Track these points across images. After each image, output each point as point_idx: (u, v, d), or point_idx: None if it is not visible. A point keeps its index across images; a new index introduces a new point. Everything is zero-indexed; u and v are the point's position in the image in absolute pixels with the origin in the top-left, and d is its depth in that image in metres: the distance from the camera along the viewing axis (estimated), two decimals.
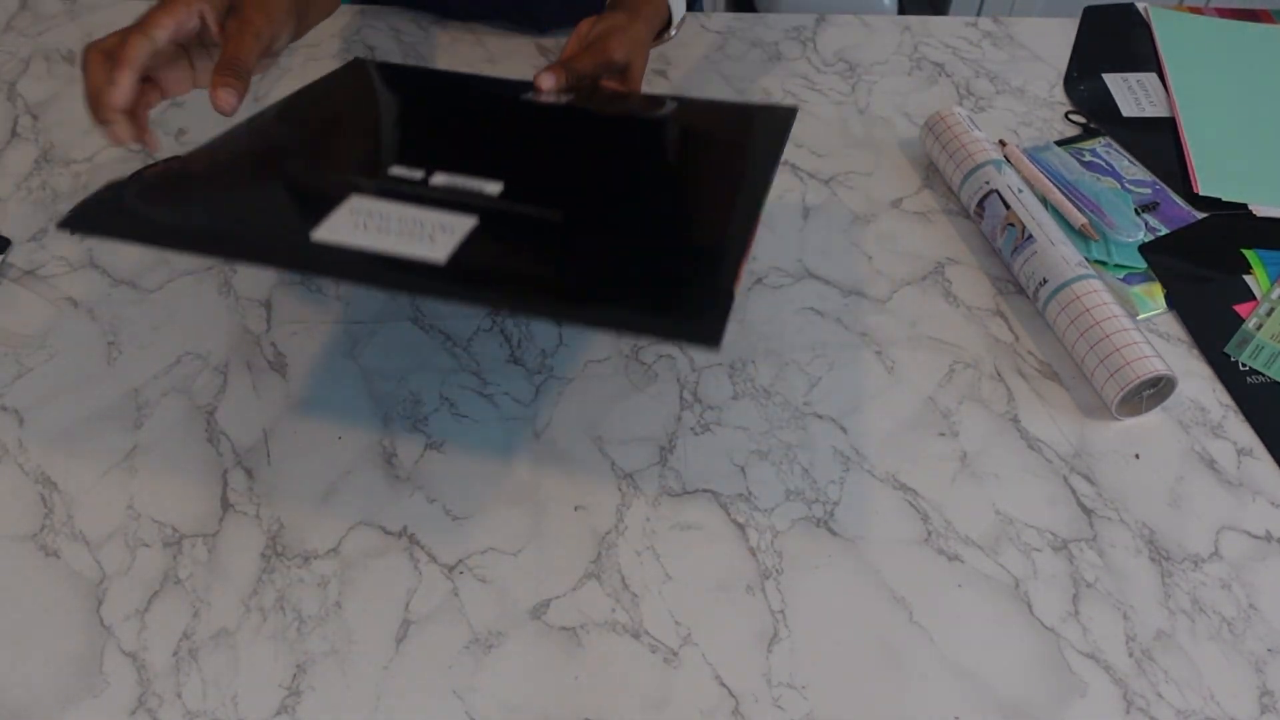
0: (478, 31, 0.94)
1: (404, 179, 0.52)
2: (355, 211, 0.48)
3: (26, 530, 0.58)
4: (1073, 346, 0.64)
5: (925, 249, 0.74)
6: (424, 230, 0.47)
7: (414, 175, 0.52)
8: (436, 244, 0.46)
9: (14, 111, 0.87)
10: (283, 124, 0.61)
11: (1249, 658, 0.52)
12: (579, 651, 0.52)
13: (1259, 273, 0.71)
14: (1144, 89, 0.87)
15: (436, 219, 0.47)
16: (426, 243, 0.46)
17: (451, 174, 0.52)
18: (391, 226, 0.47)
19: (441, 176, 0.52)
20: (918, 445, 0.61)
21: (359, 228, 0.47)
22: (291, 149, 0.58)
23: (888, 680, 0.51)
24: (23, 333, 0.68)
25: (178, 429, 0.62)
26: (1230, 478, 0.60)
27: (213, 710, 0.50)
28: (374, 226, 0.47)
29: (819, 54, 0.92)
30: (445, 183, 0.52)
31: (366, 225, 0.47)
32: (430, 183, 0.52)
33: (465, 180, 0.52)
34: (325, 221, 0.47)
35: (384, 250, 0.45)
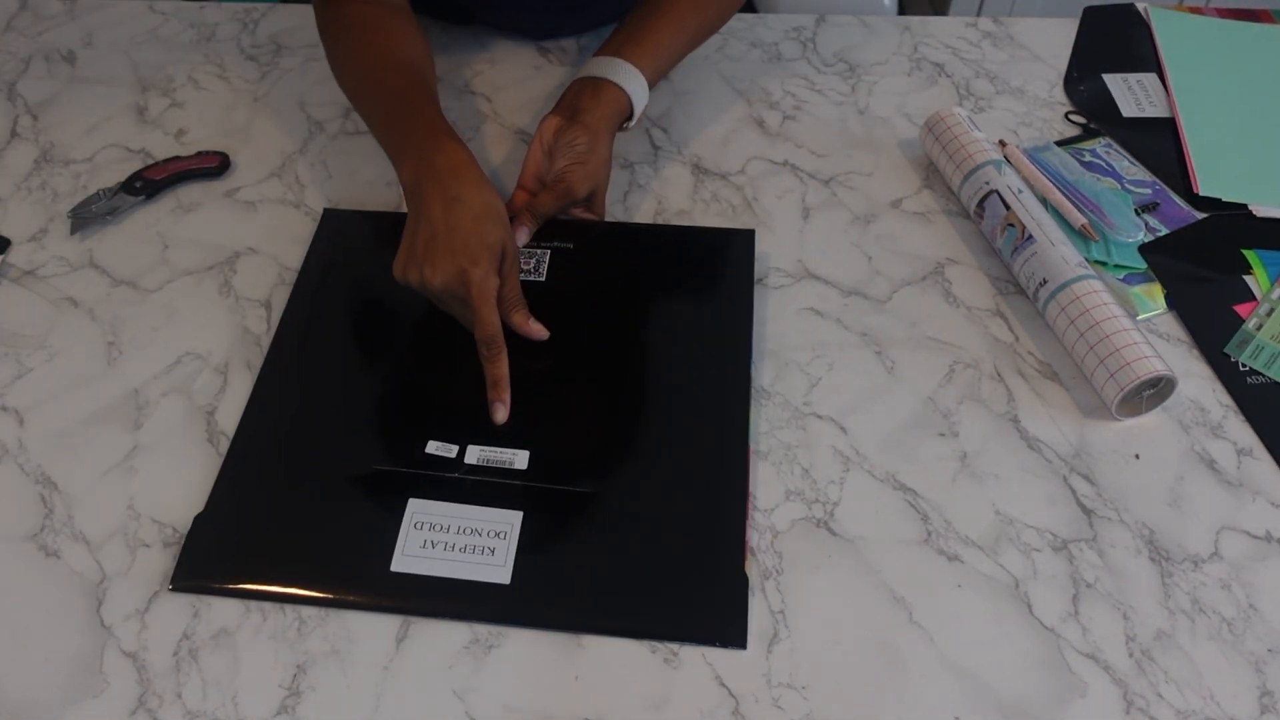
0: (478, 32, 0.94)
1: (443, 458, 0.59)
2: (419, 524, 0.56)
3: (26, 530, 0.58)
4: (1072, 347, 0.64)
5: (925, 249, 0.74)
6: (482, 539, 0.55)
7: (450, 452, 0.60)
8: (496, 557, 0.55)
9: (14, 111, 0.87)
10: (306, 381, 0.65)
11: (1249, 658, 0.52)
12: (579, 651, 0.52)
13: (1259, 273, 0.71)
14: (1144, 89, 0.87)
15: (489, 521, 0.56)
16: (487, 558, 0.55)
17: (482, 446, 0.60)
18: (454, 540, 0.55)
19: (475, 450, 0.60)
20: (918, 445, 0.61)
21: (427, 546, 0.55)
22: (328, 424, 0.62)
23: (888, 680, 0.51)
24: (23, 333, 0.68)
25: (178, 429, 0.62)
26: (1230, 478, 0.60)
27: (213, 710, 0.50)
28: (440, 543, 0.55)
29: (819, 54, 0.92)
30: (480, 458, 0.59)
31: (433, 543, 0.55)
32: (466, 459, 0.59)
33: (496, 453, 0.59)
34: (397, 544, 0.55)
35: (455, 576, 0.54)
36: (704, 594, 0.54)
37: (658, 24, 0.76)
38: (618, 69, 0.73)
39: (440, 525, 0.56)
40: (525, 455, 0.59)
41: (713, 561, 0.55)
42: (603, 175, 0.73)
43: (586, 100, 0.72)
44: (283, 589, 0.54)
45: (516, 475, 0.59)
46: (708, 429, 0.61)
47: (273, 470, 0.60)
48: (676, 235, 0.74)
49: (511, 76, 0.90)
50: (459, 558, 0.55)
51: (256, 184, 0.80)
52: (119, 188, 0.78)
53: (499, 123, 0.85)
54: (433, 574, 0.54)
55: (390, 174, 0.80)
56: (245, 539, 0.56)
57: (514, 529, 0.56)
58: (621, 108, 0.73)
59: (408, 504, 0.57)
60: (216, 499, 0.58)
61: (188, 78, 0.90)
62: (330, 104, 0.87)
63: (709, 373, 0.64)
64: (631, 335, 0.67)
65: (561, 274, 0.70)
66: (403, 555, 0.55)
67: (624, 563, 0.55)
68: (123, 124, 0.85)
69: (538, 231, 0.72)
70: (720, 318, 0.67)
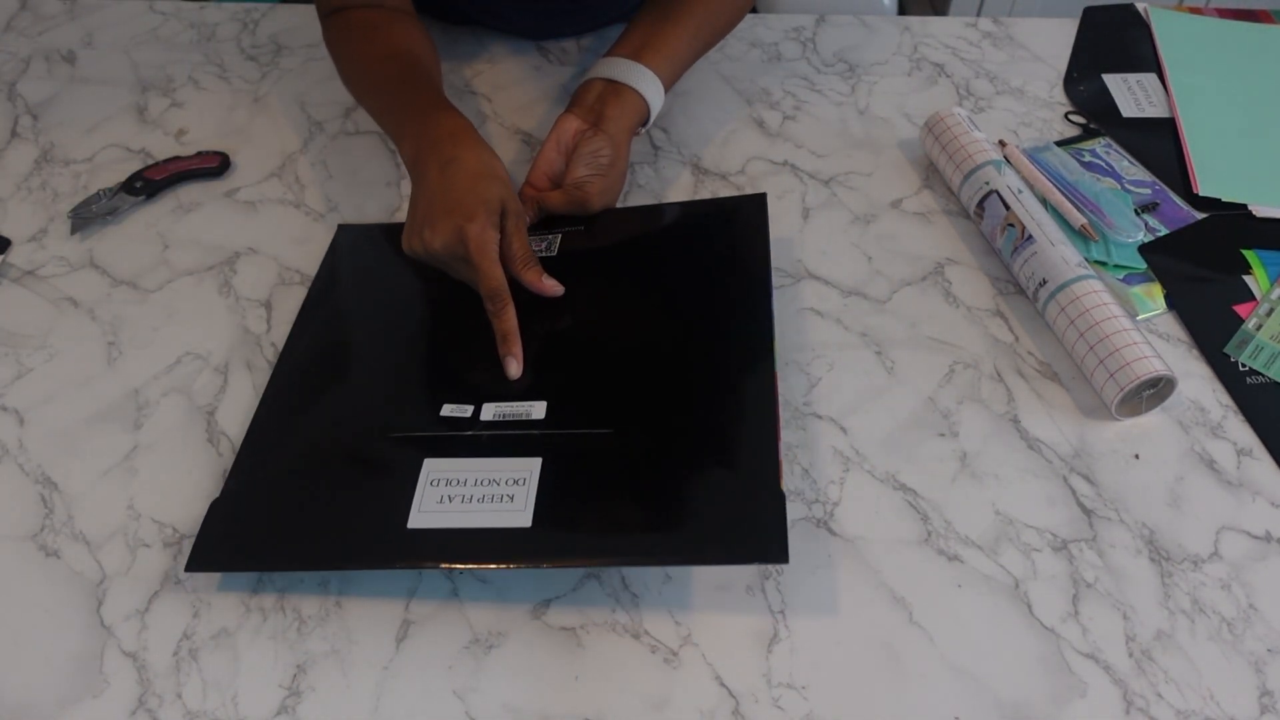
0: (478, 32, 0.94)
1: (458, 418, 0.57)
2: (435, 481, 0.54)
3: (26, 530, 0.58)
4: (1072, 347, 0.64)
5: (925, 249, 0.74)
6: (500, 488, 0.53)
7: (465, 412, 0.57)
8: (515, 503, 0.52)
9: (14, 111, 0.87)
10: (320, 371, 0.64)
11: (1249, 658, 0.52)
12: (579, 651, 0.52)
13: (1259, 273, 0.71)
14: (1144, 89, 0.87)
15: (507, 471, 0.53)
16: (507, 505, 0.52)
17: (497, 402, 0.58)
18: (471, 492, 0.53)
19: (490, 407, 0.58)
20: (918, 445, 0.61)
21: (444, 501, 0.53)
22: (342, 403, 0.61)
23: (888, 680, 0.51)
24: (23, 333, 0.68)
25: (178, 429, 0.62)
26: (1230, 478, 0.60)
27: (213, 710, 0.50)
28: (457, 496, 0.53)
29: (819, 54, 0.92)
30: (496, 414, 0.57)
31: (450, 497, 0.53)
32: (482, 417, 0.57)
33: (512, 408, 0.58)
34: (413, 503, 0.53)
35: (474, 525, 0.51)
36: (740, 514, 0.51)
37: (674, 29, 0.75)
38: (639, 74, 0.73)
39: (457, 480, 0.54)
40: (543, 405, 0.57)
41: (746, 482, 0.53)
42: (619, 190, 0.73)
43: (611, 107, 0.71)
44: (298, 566, 0.54)
45: (534, 425, 0.57)
46: (730, 357, 0.59)
47: (288, 451, 0.59)
48: (688, 206, 0.74)
49: (511, 76, 0.90)
50: (477, 508, 0.52)
51: (256, 184, 0.80)
52: (119, 188, 0.78)
53: (499, 123, 0.85)
54: (451, 526, 0.52)
55: (391, 174, 0.81)
56: (259, 519, 0.55)
57: (533, 475, 0.53)
58: (641, 115, 0.73)
59: (423, 464, 0.55)
60: (232, 484, 0.57)
61: (188, 78, 0.90)
62: (330, 104, 0.87)
63: (728, 306, 0.62)
64: (648, 286, 0.66)
65: (573, 251, 0.69)
66: (419, 512, 0.53)
67: (653, 493, 0.53)
68: (123, 124, 0.85)
69: (549, 222, 0.71)
70: (738, 265, 0.65)
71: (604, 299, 0.66)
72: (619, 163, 0.71)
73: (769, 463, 0.53)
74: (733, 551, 0.51)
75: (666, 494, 0.53)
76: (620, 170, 0.72)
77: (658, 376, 0.60)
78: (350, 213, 0.78)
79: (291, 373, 0.64)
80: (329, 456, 0.58)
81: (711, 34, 0.80)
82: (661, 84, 0.74)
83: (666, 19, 0.76)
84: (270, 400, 0.62)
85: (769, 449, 0.54)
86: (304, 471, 0.58)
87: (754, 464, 0.53)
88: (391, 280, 0.70)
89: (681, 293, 0.65)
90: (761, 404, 0.56)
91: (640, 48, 0.74)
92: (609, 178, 0.70)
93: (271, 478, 0.57)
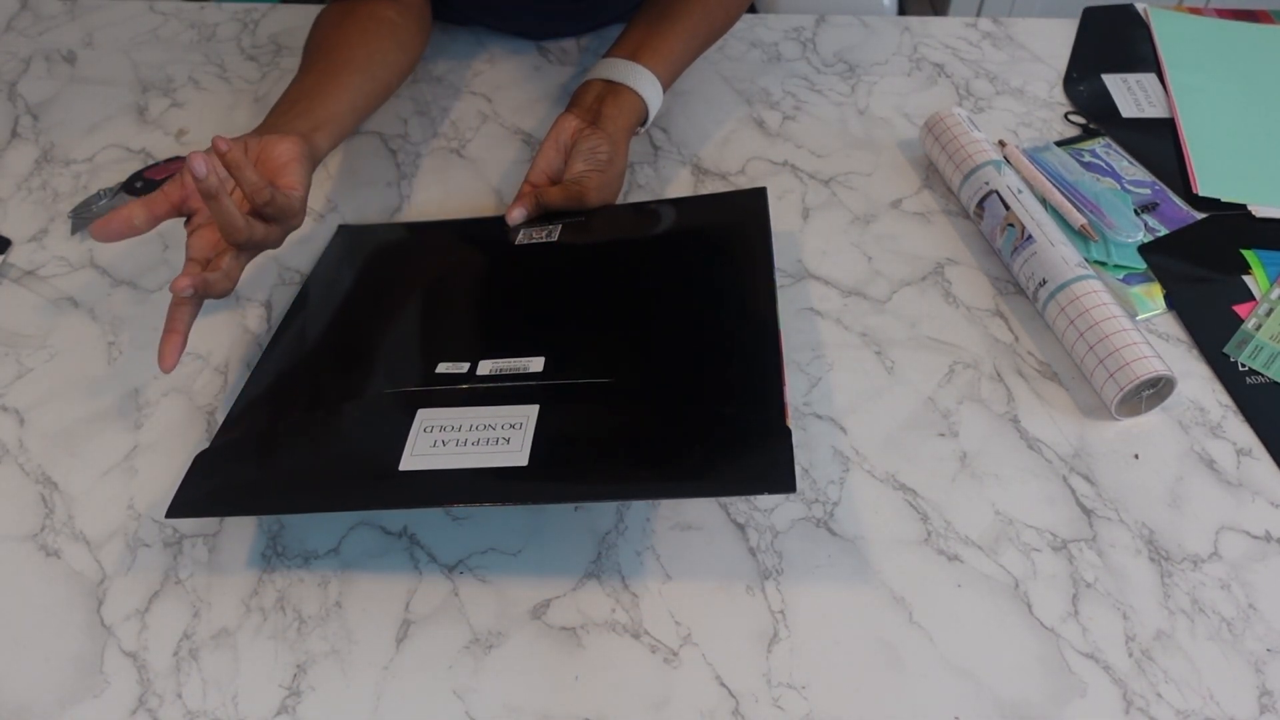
0: (478, 32, 0.94)
1: (454, 374, 0.56)
2: (428, 428, 0.52)
3: (26, 530, 0.58)
4: (1072, 347, 0.64)
5: (925, 249, 0.74)
6: (496, 432, 0.51)
7: (461, 368, 0.56)
8: (512, 445, 0.50)
9: (14, 111, 0.87)
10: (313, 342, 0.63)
11: (1248, 658, 0.52)
12: (579, 651, 0.52)
13: (1258, 273, 0.71)
14: (1143, 89, 0.87)
15: (503, 417, 0.52)
16: (503, 446, 0.50)
17: (494, 359, 0.57)
18: (466, 436, 0.51)
19: (487, 364, 0.57)
20: (918, 445, 0.61)
21: (437, 445, 0.51)
22: (335, 369, 0.60)
23: (888, 680, 0.51)
24: (23, 333, 0.68)
25: (178, 429, 0.62)
26: (1230, 478, 0.60)
27: (213, 710, 0.50)
28: (451, 440, 0.51)
29: (819, 54, 0.92)
30: (493, 369, 0.56)
31: (444, 442, 0.51)
32: (478, 372, 0.56)
33: (509, 363, 0.56)
34: (406, 447, 0.51)
35: (469, 466, 0.50)
36: (744, 445, 0.50)
37: (672, 29, 0.76)
38: (637, 74, 0.73)
39: (451, 426, 0.52)
40: (540, 360, 0.56)
41: (750, 418, 0.51)
42: (617, 188, 0.73)
43: (609, 107, 0.71)
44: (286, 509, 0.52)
45: (532, 378, 0.55)
46: (733, 311, 0.58)
47: (279, 407, 0.58)
48: (688, 200, 0.74)
49: (511, 76, 0.90)
50: (471, 449, 0.50)
51: None
52: (119, 188, 0.78)
53: (499, 123, 0.85)
54: (444, 467, 0.50)
55: (391, 174, 0.81)
56: (245, 468, 0.54)
57: (530, 419, 0.52)
58: (639, 115, 0.73)
59: (417, 413, 0.53)
60: (219, 439, 0.56)
61: (188, 78, 0.90)
62: None
63: (730, 273, 0.62)
64: (650, 261, 0.65)
65: (574, 236, 0.69)
66: (411, 455, 0.51)
67: (654, 431, 0.52)
68: (123, 124, 0.85)
69: (549, 216, 0.71)
70: (739, 246, 0.65)
71: (605, 270, 0.65)
72: (617, 160, 0.71)
73: (774, 400, 0.51)
74: (737, 482, 0.49)
75: (668, 432, 0.51)
76: (619, 168, 0.72)
77: (659, 330, 0.58)
78: (350, 213, 0.78)
79: (286, 342, 0.63)
80: (321, 411, 0.57)
81: (709, 34, 0.80)
82: (659, 84, 0.74)
83: (664, 19, 0.76)
84: (264, 366, 0.62)
85: (774, 390, 0.52)
86: (295, 425, 0.56)
87: (759, 402, 0.52)
88: (390, 270, 0.70)
89: (684, 264, 0.65)
90: (764, 345, 0.55)
91: (638, 48, 0.74)
92: (607, 174, 0.71)
93: (261, 430, 0.56)
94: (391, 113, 0.86)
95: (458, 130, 0.84)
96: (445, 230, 0.74)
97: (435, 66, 0.91)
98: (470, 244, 0.71)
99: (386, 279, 0.69)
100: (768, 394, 0.52)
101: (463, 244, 0.72)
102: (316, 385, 0.60)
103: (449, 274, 0.66)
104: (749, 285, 0.61)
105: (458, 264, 0.68)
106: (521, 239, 0.69)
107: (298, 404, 0.58)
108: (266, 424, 0.57)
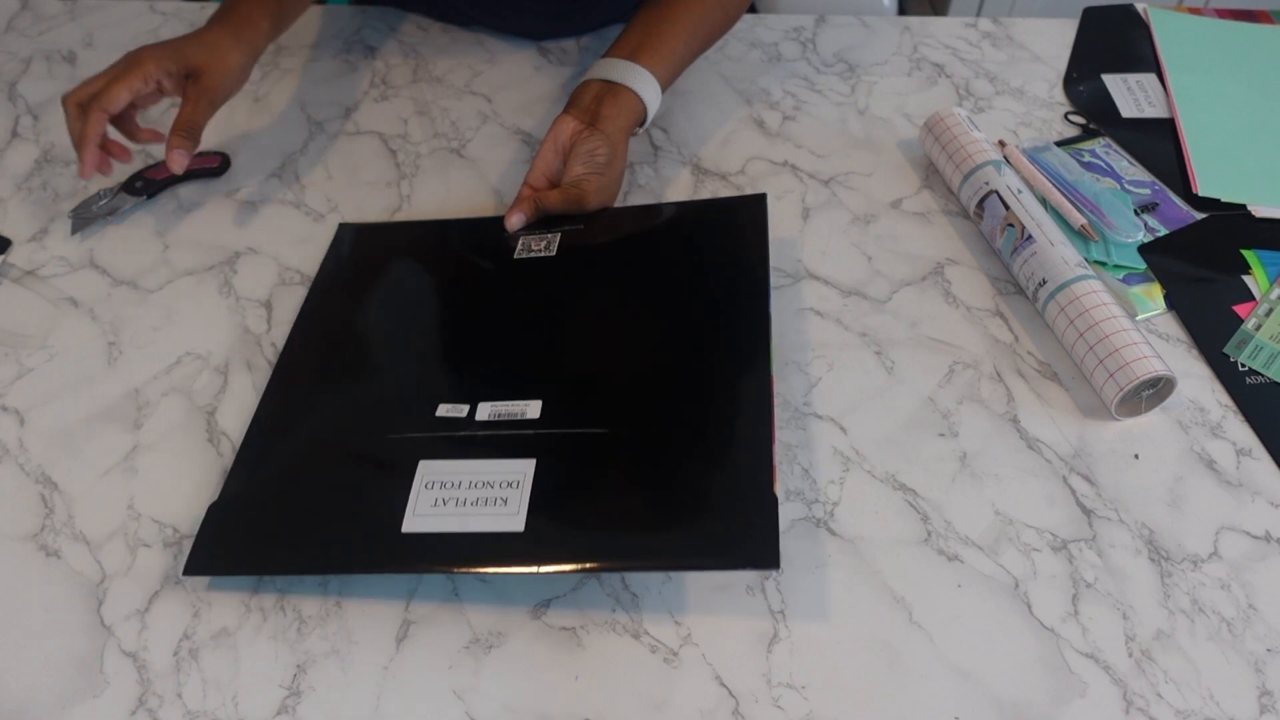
0: (478, 31, 0.94)
1: (453, 419, 0.58)
2: (429, 484, 0.54)
3: (26, 530, 0.58)
4: (1072, 347, 0.64)
5: (925, 249, 0.74)
6: (494, 491, 0.53)
7: (460, 412, 0.58)
8: (509, 506, 0.53)
9: (14, 111, 0.87)
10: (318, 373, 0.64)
11: (1248, 658, 0.52)
12: (579, 651, 0.52)
13: (1258, 273, 0.71)
14: (1143, 90, 0.87)
15: (501, 473, 0.54)
16: (500, 508, 0.53)
17: (493, 401, 0.58)
18: (466, 495, 0.53)
19: (486, 406, 0.58)
20: (918, 445, 0.61)
21: (438, 504, 0.53)
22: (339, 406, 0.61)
23: (888, 680, 0.51)
24: (23, 333, 0.68)
25: (178, 429, 0.63)
26: (1230, 478, 0.60)
27: (213, 710, 0.50)
28: (451, 499, 0.53)
29: (819, 55, 0.92)
30: (491, 413, 0.58)
31: (444, 500, 0.53)
32: (477, 416, 0.58)
33: (507, 407, 0.58)
34: (408, 506, 0.54)
35: (468, 530, 0.52)
36: (732, 520, 0.51)
37: (670, 29, 0.76)
38: (635, 75, 0.73)
39: (451, 483, 0.54)
40: (538, 405, 0.58)
41: (740, 487, 0.52)
42: (616, 190, 0.73)
43: (607, 107, 0.71)
44: (294, 570, 0.54)
45: (529, 425, 0.57)
46: (726, 358, 0.59)
47: (287, 453, 0.59)
48: (686, 206, 0.74)
49: (511, 76, 0.90)
50: (471, 511, 0.53)
51: (256, 184, 0.80)
52: (119, 188, 0.78)
53: (499, 123, 0.85)
54: (444, 530, 0.52)
55: (391, 174, 0.81)
56: (257, 522, 0.56)
57: (527, 477, 0.54)
58: (638, 115, 0.73)
59: (418, 466, 0.55)
60: (230, 487, 0.57)
61: None
62: (330, 104, 0.87)
63: (725, 307, 0.62)
64: (646, 287, 0.66)
65: (572, 249, 0.69)
66: (414, 516, 0.53)
67: (644, 495, 0.53)
68: None
69: (548, 221, 0.72)
70: (736, 266, 0.65)
71: (602, 300, 0.66)
72: (616, 162, 0.71)
73: (763, 467, 0.53)
74: (724, 558, 0.51)
75: (659, 497, 0.53)
76: (618, 170, 0.72)
77: (654, 377, 0.60)
78: (350, 213, 0.78)
79: (290, 374, 0.64)
80: (327, 458, 0.58)
81: (709, 34, 0.80)
82: (658, 84, 0.74)
83: (663, 19, 0.76)
84: (269, 402, 0.62)
85: (763, 453, 0.54)
86: (302, 474, 0.58)
87: (748, 468, 0.53)
88: (391, 280, 0.70)
89: (680, 293, 0.65)
90: (757, 407, 0.56)
91: (637, 48, 0.74)
92: (606, 176, 0.70)
93: (270, 480, 0.58)
94: (391, 113, 0.86)
95: (458, 130, 0.84)
96: (445, 233, 0.74)
97: (435, 66, 0.91)
98: (469, 255, 0.71)
99: (388, 299, 0.69)
100: (758, 456, 0.53)
101: (462, 255, 0.72)
102: (323, 422, 0.61)
103: (448, 294, 0.66)
104: (744, 324, 0.61)
105: (457, 283, 0.68)
106: (520, 250, 0.69)
107: (306, 443, 0.60)
108: (276, 471, 0.58)
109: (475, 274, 0.69)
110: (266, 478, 0.58)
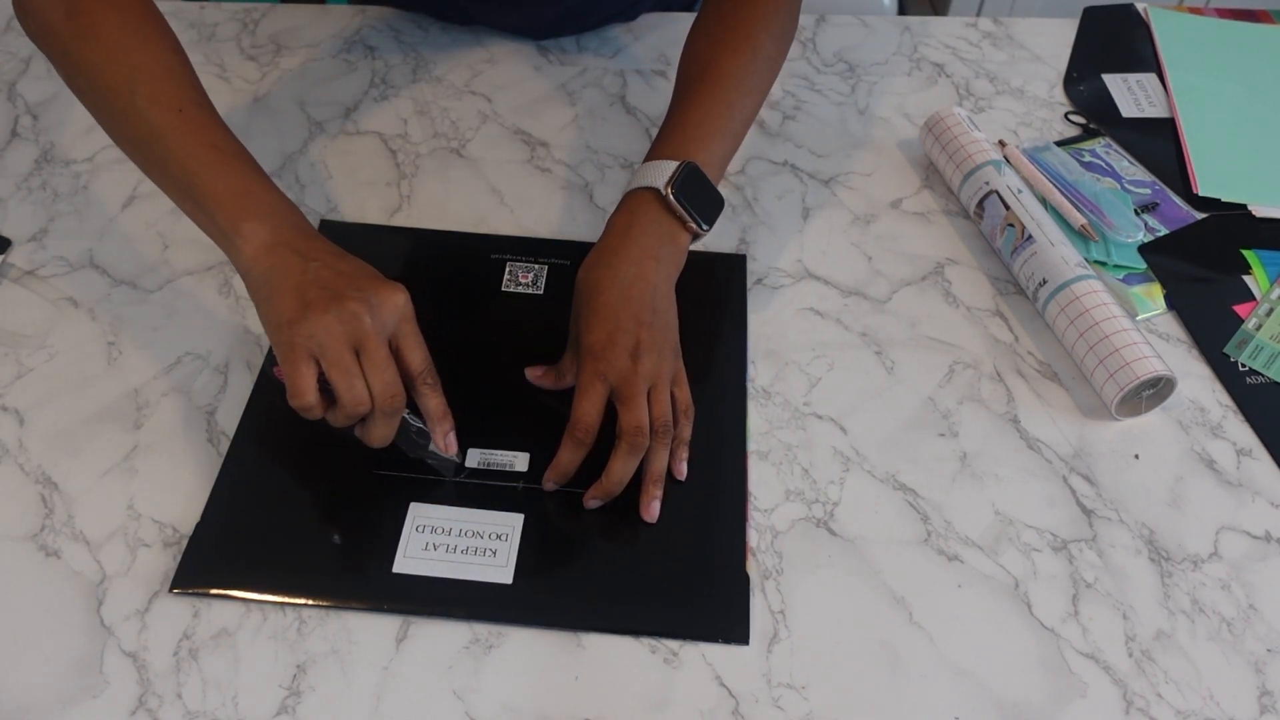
0: (478, 32, 0.94)
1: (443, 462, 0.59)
2: (420, 528, 0.56)
3: (26, 530, 0.58)
4: (1072, 347, 0.64)
5: (925, 249, 0.74)
6: (483, 541, 0.56)
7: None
8: (498, 558, 0.55)
9: (14, 111, 0.87)
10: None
11: (1248, 658, 0.52)
12: (579, 651, 0.52)
13: (1258, 273, 0.71)
14: (1144, 89, 0.87)
15: (490, 524, 0.57)
16: (489, 559, 0.55)
17: (482, 449, 0.60)
18: (456, 543, 0.56)
19: (475, 454, 0.60)
20: (918, 445, 0.61)
21: (429, 549, 0.55)
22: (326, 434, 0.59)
23: (888, 680, 0.51)
24: (23, 333, 0.68)
25: (178, 429, 0.62)
26: (1230, 478, 0.60)
27: (213, 710, 0.50)
28: (441, 545, 0.56)
29: (819, 54, 0.92)
30: (480, 461, 0.60)
31: (435, 545, 0.56)
32: (467, 463, 0.59)
33: (496, 457, 0.60)
34: (399, 547, 0.55)
35: (458, 577, 0.54)
36: (706, 592, 0.54)
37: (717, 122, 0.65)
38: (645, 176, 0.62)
39: (442, 529, 0.56)
40: (525, 458, 0.60)
41: (714, 561, 0.55)
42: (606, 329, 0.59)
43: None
44: (284, 595, 0.54)
45: (517, 478, 0.59)
46: (705, 432, 0.61)
47: (273, 476, 0.60)
48: None
49: (511, 76, 0.90)
50: (461, 559, 0.55)
51: None
52: None
53: (499, 123, 0.85)
54: (435, 575, 0.55)
55: (391, 174, 0.81)
56: (246, 545, 0.56)
57: (515, 531, 0.56)
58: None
59: (409, 508, 0.57)
60: (215, 505, 0.58)
61: None
62: (330, 104, 0.87)
63: (705, 379, 0.63)
64: None
65: (559, 289, 0.70)
66: (404, 557, 0.55)
67: (625, 563, 0.56)
68: None
69: (535, 247, 0.73)
70: (715, 328, 0.67)
71: None
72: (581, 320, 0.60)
73: (737, 548, 0.56)
74: (697, 629, 0.53)
75: (639, 564, 0.56)
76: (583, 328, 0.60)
77: None
78: (350, 213, 0.78)
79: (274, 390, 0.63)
80: (317, 484, 0.59)
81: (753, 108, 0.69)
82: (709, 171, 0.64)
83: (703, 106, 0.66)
84: (253, 412, 0.62)
85: (738, 533, 0.57)
86: (292, 498, 0.59)
87: (724, 548, 0.56)
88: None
89: None
90: (734, 483, 0.59)
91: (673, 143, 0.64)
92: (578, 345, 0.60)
93: (257, 502, 0.58)
94: (391, 113, 0.86)
95: (458, 130, 0.84)
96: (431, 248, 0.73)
97: (435, 66, 0.91)
98: (456, 278, 0.71)
99: None
100: (732, 534, 0.56)
101: (449, 277, 0.71)
102: (311, 445, 0.60)
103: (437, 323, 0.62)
104: (722, 397, 0.63)
105: (444, 310, 0.67)
106: (507, 282, 0.70)
107: (293, 466, 0.60)
108: (263, 494, 0.59)
109: (463, 302, 0.70)
110: (255, 499, 0.58)
